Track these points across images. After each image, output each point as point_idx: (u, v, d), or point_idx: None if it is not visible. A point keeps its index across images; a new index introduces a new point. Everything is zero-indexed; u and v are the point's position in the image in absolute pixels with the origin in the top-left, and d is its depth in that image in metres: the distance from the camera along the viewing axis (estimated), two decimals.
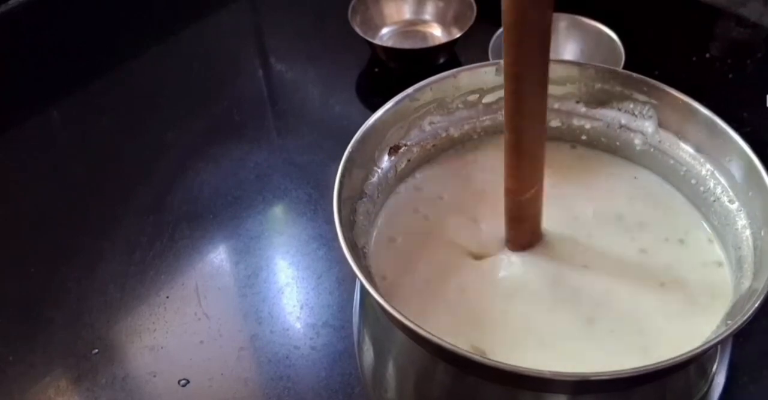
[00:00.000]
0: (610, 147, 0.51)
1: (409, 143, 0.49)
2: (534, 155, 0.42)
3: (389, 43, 0.80)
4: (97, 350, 0.58)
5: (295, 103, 0.78)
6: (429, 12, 0.82)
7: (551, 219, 0.46)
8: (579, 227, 0.47)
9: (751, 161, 0.42)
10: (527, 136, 0.40)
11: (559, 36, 0.76)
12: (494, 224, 0.47)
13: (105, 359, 0.58)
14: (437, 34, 0.81)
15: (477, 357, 0.35)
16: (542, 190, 0.43)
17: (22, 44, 0.82)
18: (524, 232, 0.46)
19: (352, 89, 0.79)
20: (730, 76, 0.75)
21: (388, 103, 0.46)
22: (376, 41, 0.78)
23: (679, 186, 0.49)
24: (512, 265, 0.45)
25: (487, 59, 0.71)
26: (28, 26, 0.84)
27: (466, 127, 0.50)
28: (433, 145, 0.50)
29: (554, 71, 0.49)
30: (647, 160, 0.50)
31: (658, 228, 0.47)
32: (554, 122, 0.51)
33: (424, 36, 0.81)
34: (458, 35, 0.77)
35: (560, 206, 0.48)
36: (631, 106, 0.48)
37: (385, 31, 0.81)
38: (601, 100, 0.49)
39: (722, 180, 0.45)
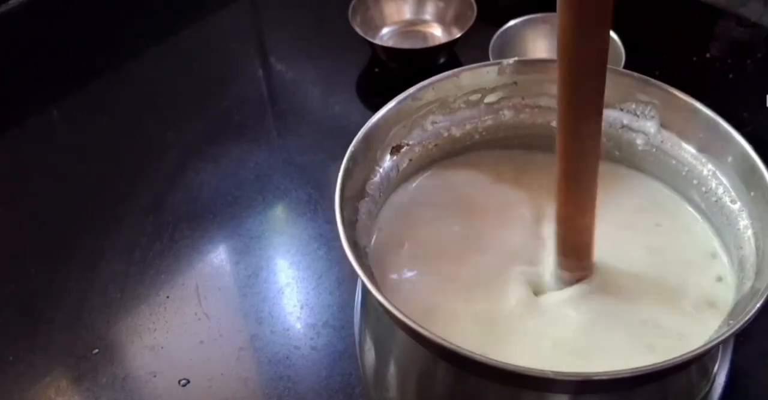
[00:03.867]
0: (612, 147, 0.51)
1: (411, 143, 0.49)
2: (590, 180, 0.40)
3: (389, 43, 0.80)
4: (97, 350, 0.58)
5: (295, 103, 0.78)
6: (429, 12, 0.82)
7: None
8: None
9: (752, 161, 0.42)
10: (584, 163, 0.39)
11: None
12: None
13: (105, 359, 0.58)
14: (437, 34, 0.81)
15: (479, 357, 0.35)
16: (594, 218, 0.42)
17: (22, 44, 0.82)
18: (581, 260, 0.44)
19: (352, 89, 0.79)
20: (730, 76, 0.75)
21: (390, 102, 0.46)
22: (376, 41, 0.78)
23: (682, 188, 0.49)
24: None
25: (488, 59, 0.71)
26: (28, 26, 0.84)
27: (468, 126, 0.50)
28: (435, 145, 0.50)
29: (555, 71, 0.49)
30: (649, 161, 0.50)
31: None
32: (555, 122, 0.51)
33: (425, 36, 0.81)
34: (458, 35, 0.77)
35: None
36: (633, 106, 0.48)
37: (385, 31, 0.82)
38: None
39: (724, 180, 0.45)
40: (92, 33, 0.84)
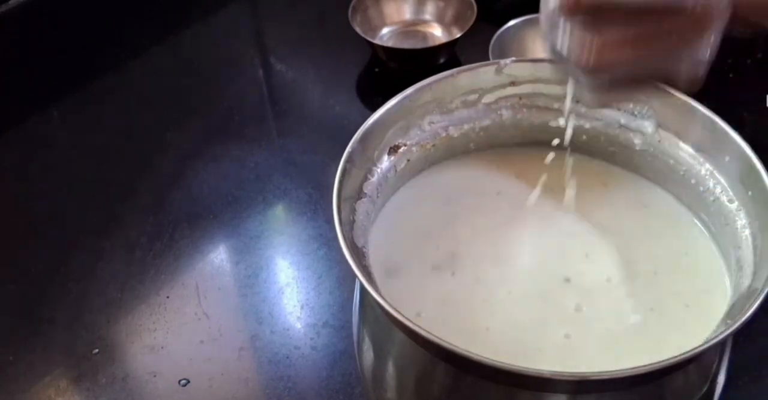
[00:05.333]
0: (609, 147, 0.51)
1: (408, 143, 0.49)
2: None
3: (389, 43, 0.80)
4: (97, 350, 0.58)
5: (295, 104, 0.78)
6: (429, 12, 0.82)
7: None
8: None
9: (750, 161, 0.42)
10: None
11: None
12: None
13: (105, 359, 0.58)
14: (437, 34, 0.81)
15: (477, 357, 0.35)
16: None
17: (22, 44, 0.82)
18: None
19: (352, 89, 0.79)
20: (731, 76, 0.75)
21: (387, 103, 0.46)
22: (376, 41, 0.78)
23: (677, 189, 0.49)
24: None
25: (488, 59, 0.71)
26: (28, 26, 0.84)
27: (466, 127, 0.50)
28: (433, 145, 0.50)
29: (554, 71, 0.49)
30: (646, 161, 0.50)
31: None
32: (554, 122, 0.51)
33: (424, 36, 0.81)
34: (458, 35, 0.77)
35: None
36: (631, 105, 0.48)
37: (385, 31, 0.81)
38: None
39: (722, 180, 0.45)
40: (92, 33, 0.84)
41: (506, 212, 0.49)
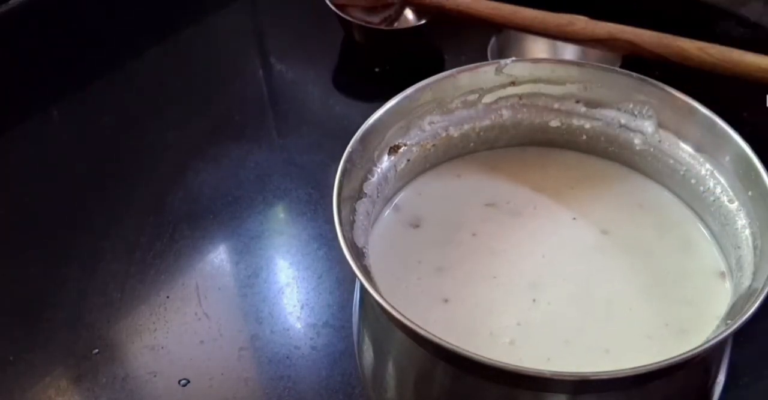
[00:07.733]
0: (609, 147, 0.51)
1: (408, 143, 0.49)
2: None
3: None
4: (97, 350, 0.58)
5: (295, 103, 0.78)
6: None
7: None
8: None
9: (750, 161, 0.42)
10: None
11: None
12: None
13: (105, 359, 0.58)
14: (409, 17, 0.81)
15: (477, 357, 0.35)
16: None
17: (22, 44, 0.82)
18: None
19: (352, 89, 0.79)
20: None
21: (387, 103, 0.46)
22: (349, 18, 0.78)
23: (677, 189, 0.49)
24: None
25: (487, 59, 0.71)
26: (28, 26, 0.84)
27: (466, 127, 0.50)
28: (433, 145, 0.50)
29: (554, 71, 0.49)
30: (646, 161, 0.50)
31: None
32: (554, 122, 0.51)
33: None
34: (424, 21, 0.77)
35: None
36: (631, 106, 0.48)
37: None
38: (600, 100, 0.49)
39: (722, 180, 0.45)
40: (92, 33, 0.84)
41: (507, 213, 0.49)
